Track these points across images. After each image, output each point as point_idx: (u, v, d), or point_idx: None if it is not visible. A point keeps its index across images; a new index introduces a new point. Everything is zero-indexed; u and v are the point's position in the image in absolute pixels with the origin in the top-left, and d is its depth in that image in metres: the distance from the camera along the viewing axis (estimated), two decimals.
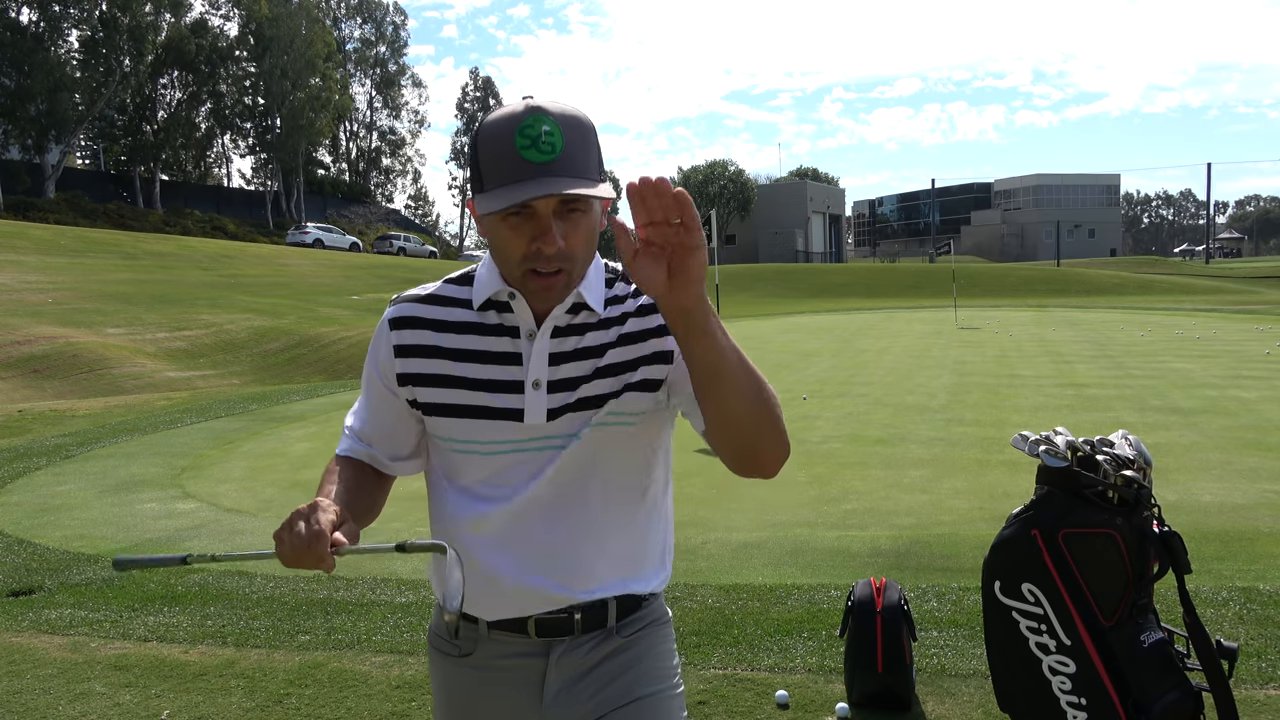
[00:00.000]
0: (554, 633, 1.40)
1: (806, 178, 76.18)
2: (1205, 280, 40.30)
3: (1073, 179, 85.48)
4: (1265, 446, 7.01)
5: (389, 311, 1.42)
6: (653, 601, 1.48)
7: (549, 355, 1.35)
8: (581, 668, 1.41)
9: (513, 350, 1.36)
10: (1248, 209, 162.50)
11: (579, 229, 1.27)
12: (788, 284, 38.39)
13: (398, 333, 1.39)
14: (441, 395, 1.37)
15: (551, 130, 1.23)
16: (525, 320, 1.36)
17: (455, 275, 1.45)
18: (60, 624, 4.33)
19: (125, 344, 18.60)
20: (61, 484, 7.67)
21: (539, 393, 1.34)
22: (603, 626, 1.41)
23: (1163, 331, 17.50)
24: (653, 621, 1.47)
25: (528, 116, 1.23)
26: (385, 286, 32.20)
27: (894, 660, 3.06)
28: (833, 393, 10.77)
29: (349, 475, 1.43)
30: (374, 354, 1.43)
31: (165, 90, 53.37)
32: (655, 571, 1.47)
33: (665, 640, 1.48)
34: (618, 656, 1.42)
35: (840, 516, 5.57)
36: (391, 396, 1.41)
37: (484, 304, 1.37)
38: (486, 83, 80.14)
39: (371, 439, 1.46)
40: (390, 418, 1.43)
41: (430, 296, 1.42)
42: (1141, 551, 2.32)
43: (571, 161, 1.23)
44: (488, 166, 1.25)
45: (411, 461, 1.48)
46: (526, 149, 1.22)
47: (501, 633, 1.42)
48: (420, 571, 4.84)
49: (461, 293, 1.41)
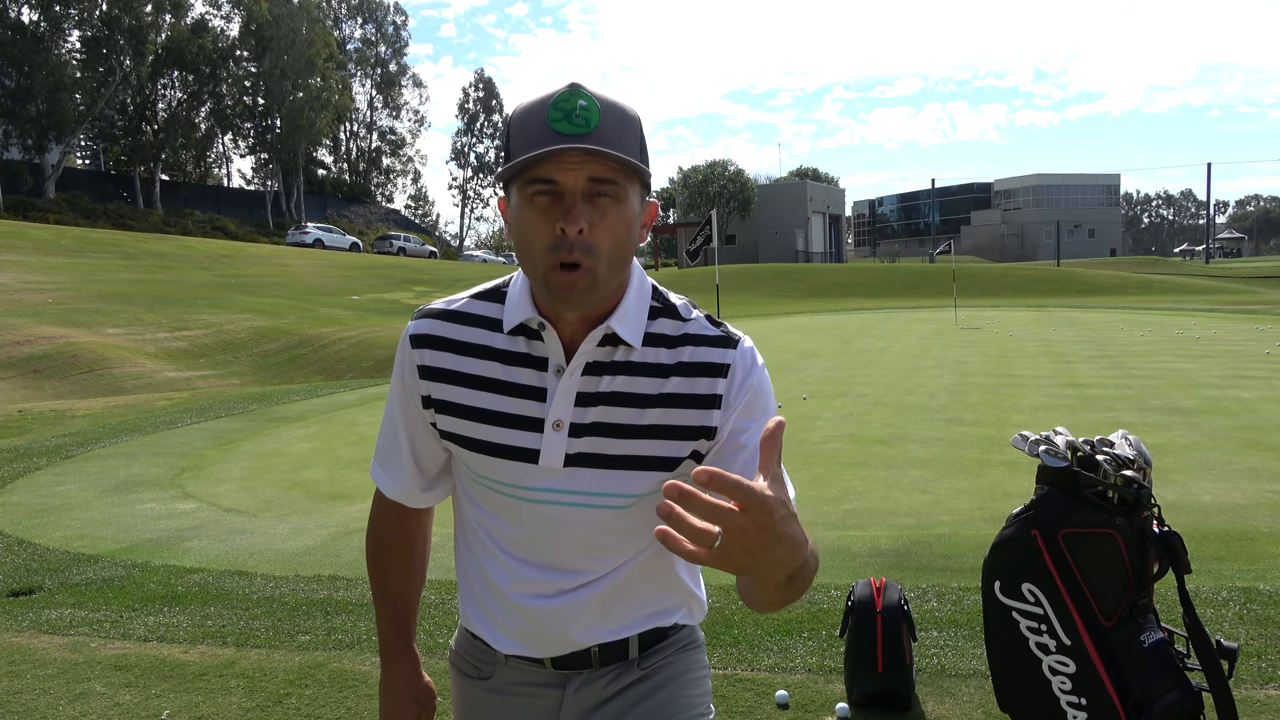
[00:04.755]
0: (571, 666, 1.35)
1: (806, 178, 76.17)
2: (1205, 280, 40.28)
3: (1073, 179, 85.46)
4: (1265, 446, 7.00)
5: (411, 327, 1.33)
6: (681, 629, 1.40)
7: (576, 394, 1.24)
8: (598, 699, 1.35)
9: (538, 385, 1.25)
10: (1248, 209, 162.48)
11: (608, 218, 1.16)
12: (788, 284, 38.37)
13: (419, 352, 1.30)
14: (460, 426, 1.29)
15: (588, 105, 1.13)
16: (555, 352, 1.25)
17: (484, 290, 1.34)
18: (60, 624, 4.33)
19: (125, 344, 18.60)
20: (61, 484, 7.67)
21: (559, 435, 1.24)
22: (624, 659, 1.35)
23: (1163, 331, 17.50)
24: (681, 647, 1.39)
25: (564, 91, 1.15)
26: (385, 287, 32.22)
27: (894, 660, 3.05)
28: (833, 393, 10.77)
29: (404, 550, 1.48)
30: (400, 371, 1.34)
31: (165, 90, 53.44)
32: (686, 604, 1.39)
33: (694, 668, 1.39)
34: (638, 686, 1.35)
35: (840, 516, 5.57)
36: (419, 416, 1.34)
37: (515, 328, 1.26)
38: (488, 83, 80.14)
39: (404, 465, 1.39)
40: (421, 439, 1.37)
41: (455, 313, 1.31)
42: (1141, 551, 2.32)
43: (605, 139, 1.13)
44: (516, 142, 1.16)
45: (441, 487, 1.43)
46: (558, 121, 1.12)
47: (517, 660, 1.38)
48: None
49: (490, 310, 1.30)
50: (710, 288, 22.95)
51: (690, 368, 1.25)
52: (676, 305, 1.30)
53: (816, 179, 76.56)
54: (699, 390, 1.24)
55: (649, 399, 1.24)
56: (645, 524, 1.28)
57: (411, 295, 30.39)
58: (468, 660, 1.44)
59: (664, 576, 1.36)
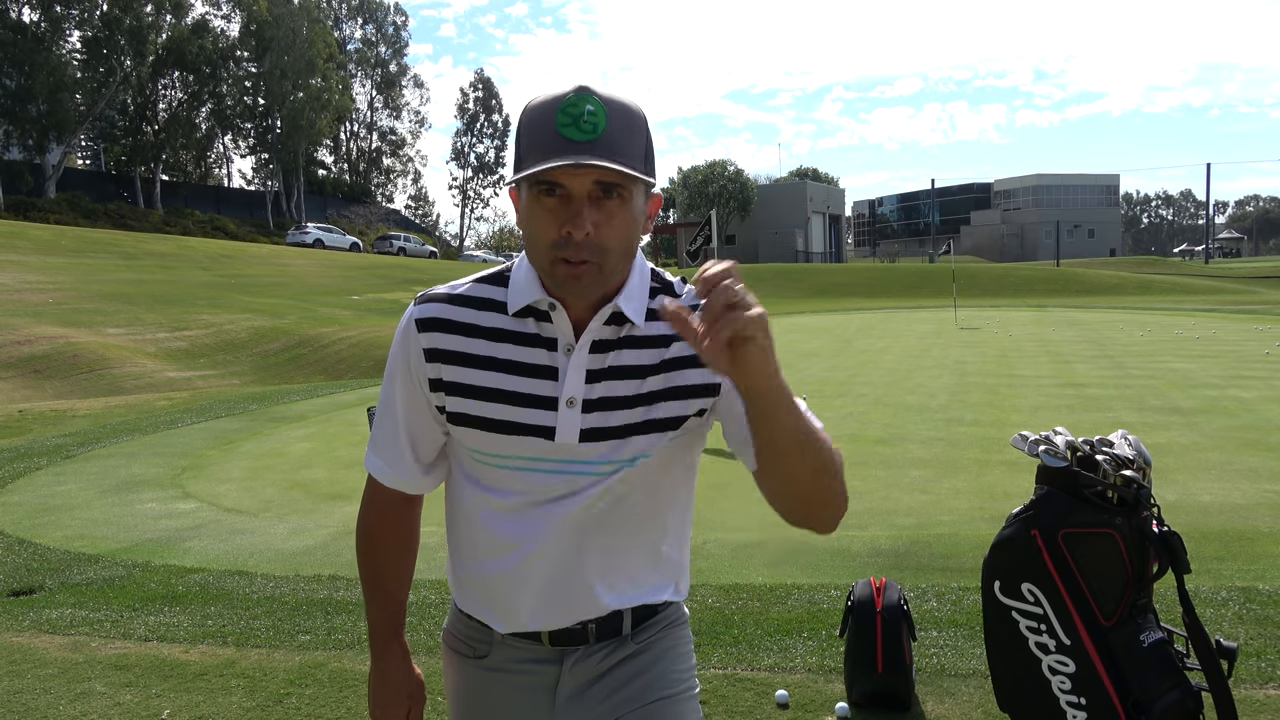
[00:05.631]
0: (568, 642, 1.39)
1: (806, 178, 76.21)
2: (1205, 280, 40.28)
3: (1072, 179, 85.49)
4: (1265, 446, 7.01)
5: (414, 311, 1.34)
6: (670, 605, 1.45)
7: (586, 372, 1.28)
8: (595, 673, 1.39)
9: (549, 364, 1.29)
10: (1247, 209, 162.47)
11: (614, 219, 1.20)
12: (788, 284, 38.38)
13: (427, 335, 1.32)
14: (471, 407, 1.31)
15: (595, 110, 1.16)
16: (564, 333, 1.29)
17: (487, 274, 1.37)
18: (61, 624, 4.33)
19: (125, 344, 18.61)
20: (62, 484, 7.67)
21: (573, 411, 1.28)
22: (617, 635, 1.40)
23: (1162, 331, 17.50)
24: (669, 624, 1.45)
25: (573, 95, 1.17)
26: (385, 287, 32.21)
27: (894, 660, 3.06)
28: (833, 393, 10.77)
29: (395, 543, 1.49)
30: (404, 357, 1.35)
31: (166, 90, 53.45)
32: (676, 581, 1.45)
33: (681, 642, 1.46)
34: (632, 661, 1.40)
35: None
36: (424, 400, 1.35)
37: (521, 310, 1.30)
38: (487, 83, 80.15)
39: (404, 452, 1.40)
40: (422, 424, 1.37)
41: (460, 297, 1.33)
42: (1141, 551, 2.32)
43: (611, 144, 1.16)
44: (526, 142, 1.19)
45: (437, 472, 1.44)
46: (566, 126, 1.16)
47: (515, 639, 1.41)
48: (421, 571, 4.82)
49: (495, 293, 1.33)
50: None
51: None
52: (673, 283, 1.38)
53: (816, 179, 76.59)
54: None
55: (653, 368, 1.31)
56: (651, 479, 1.34)
57: (411, 295, 30.30)
58: (463, 641, 1.46)
59: (659, 547, 1.40)
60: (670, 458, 1.35)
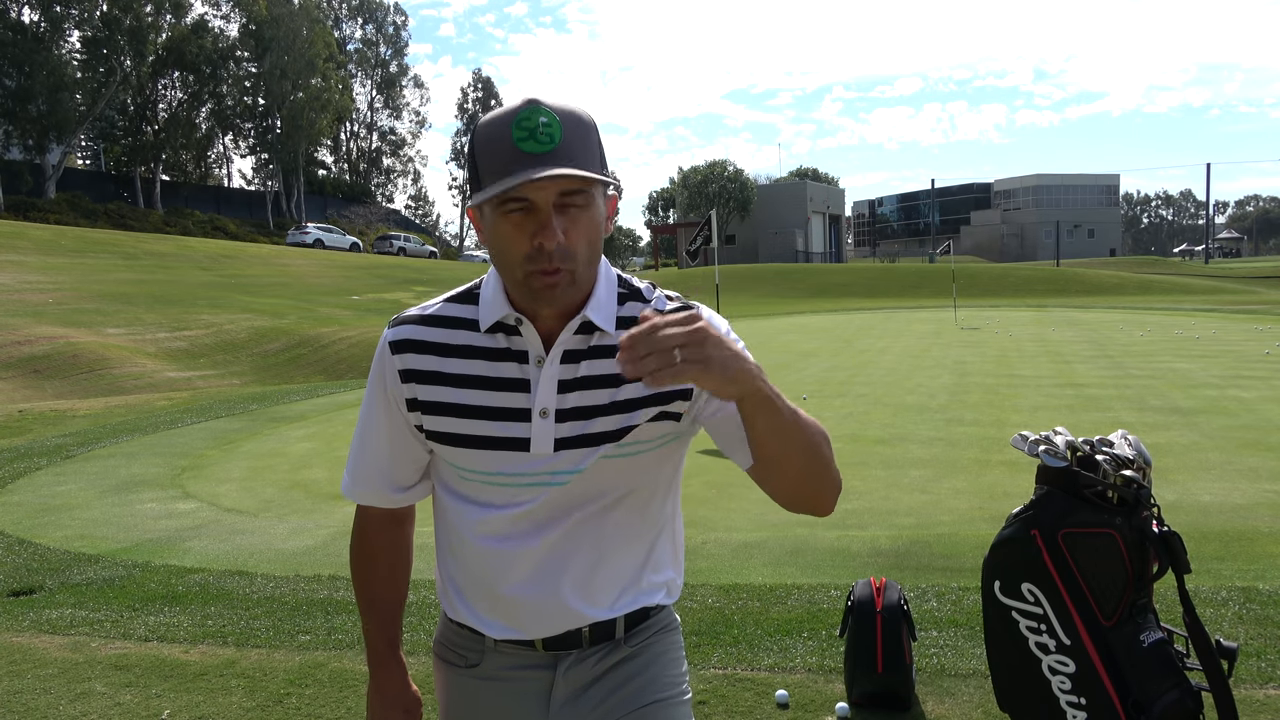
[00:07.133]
0: (561, 646, 1.39)
1: (806, 178, 76.19)
2: (1205, 280, 40.29)
3: (1072, 179, 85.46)
4: (1265, 446, 7.01)
5: (388, 334, 1.37)
6: (662, 609, 1.47)
7: (558, 382, 1.30)
8: (589, 678, 1.40)
9: (520, 376, 1.31)
10: (1247, 209, 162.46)
11: (579, 224, 1.23)
12: (788, 284, 38.40)
13: (400, 357, 1.34)
14: (447, 424, 1.33)
15: (550, 122, 1.19)
16: (534, 345, 1.31)
17: (457, 293, 1.39)
18: (61, 624, 4.34)
19: (125, 344, 18.61)
20: (62, 484, 7.67)
21: (546, 422, 1.30)
22: (611, 638, 1.40)
23: (1162, 331, 17.50)
24: (661, 629, 1.45)
25: (525, 109, 1.20)
26: (385, 287, 32.23)
27: (894, 660, 3.06)
28: (833, 393, 10.77)
29: (387, 561, 1.51)
30: (380, 379, 1.38)
31: (166, 91, 53.48)
32: (667, 584, 1.46)
33: (673, 647, 1.47)
34: (625, 665, 1.41)
35: (840, 516, 5.57)
36: (403, 421, 1.38)
37: (492, 326, 1.32)
38: (487, 83, 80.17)
39: (385, 473, 1.42)
40: (403, 444, 1.40)
41: (431, 317, 1.36)
42: (1141, 551, 2.32)
43: (570, 153, 1.19)
44: (484, 161, 1.21)
45: (421, 486, 1.46)
46: (524, 140, 1.18)
47: (508, 645, 1.41)
48: (420, 571, 4.83)
49: (465, 312, 1.35)
50: (710, 288, 22.94)
51: None
52: (640, 289, 1.38)
53: (816, 179, 76.59)
54: None
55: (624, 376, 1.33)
56: (635, 483, 1.36)
57: (412, 295, 30.38)
58: (454, 650, 1.46)
59: (647, 552, 1.41)
60: (652, 462, 1.36)
